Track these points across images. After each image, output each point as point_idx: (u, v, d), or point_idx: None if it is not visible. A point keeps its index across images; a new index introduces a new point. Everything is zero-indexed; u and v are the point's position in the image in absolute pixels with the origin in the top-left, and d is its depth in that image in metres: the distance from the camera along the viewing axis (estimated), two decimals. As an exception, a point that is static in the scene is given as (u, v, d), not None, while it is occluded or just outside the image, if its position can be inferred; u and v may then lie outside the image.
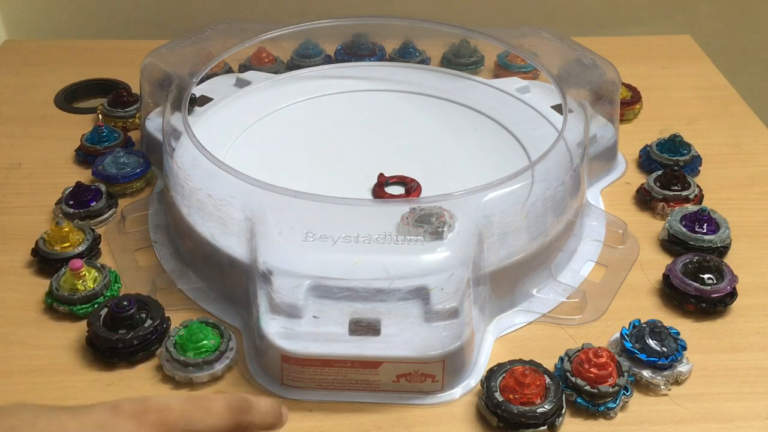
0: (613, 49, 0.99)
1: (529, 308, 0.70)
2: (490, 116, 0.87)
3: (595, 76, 0.86)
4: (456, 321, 0.61)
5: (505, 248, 0.67)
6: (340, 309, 0.62)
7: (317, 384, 0.62)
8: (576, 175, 0.74)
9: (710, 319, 0.70)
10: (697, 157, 0.88)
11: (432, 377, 0.61)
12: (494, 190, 0.68)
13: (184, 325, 0.65)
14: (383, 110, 0.89)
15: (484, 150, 0.82)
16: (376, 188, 0.76)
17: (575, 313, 0.69)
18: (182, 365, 0.63)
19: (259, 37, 0.92)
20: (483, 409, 0.60)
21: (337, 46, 1.04)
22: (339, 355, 0.60)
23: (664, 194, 0.81)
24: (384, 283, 0.62)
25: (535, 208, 0.69)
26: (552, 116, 0.85)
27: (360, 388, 0.62)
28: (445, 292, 0.62)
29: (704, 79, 1.08)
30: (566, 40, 0.92)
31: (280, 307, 0.61)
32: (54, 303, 0.69)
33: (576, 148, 0.76)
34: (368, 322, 0.61)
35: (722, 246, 0.76)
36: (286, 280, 0.62)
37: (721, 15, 1.24)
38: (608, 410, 0.60)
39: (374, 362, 0.60)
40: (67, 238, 0.74)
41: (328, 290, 0.62)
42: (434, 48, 1.04)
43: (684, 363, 0.64)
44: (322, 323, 0.61)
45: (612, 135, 0.86)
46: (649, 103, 1.00)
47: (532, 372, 0.60)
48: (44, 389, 0.63)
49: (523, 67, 1.00)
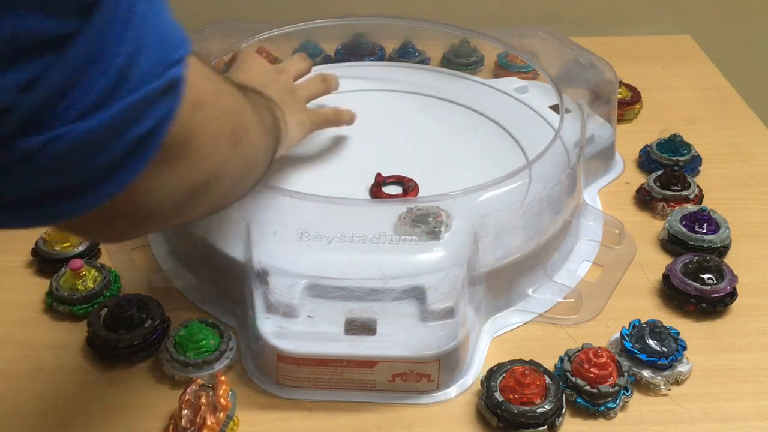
0: (613, 49, 0.99)
1: (525, 308, 0.70)
2: (488, 116, 0.87)
3: (593, 76, 0.86)
4: (451, 321, 0.61)
5: (501, 248, 0.68)
6: (335, 308, 0.62)
7: (313, 383, 0.62)
8: (572, 175, 0.74)
9: (710, 319, 0.70)
10: (697, 157, 0.88)
11: (427, 377, 0.61)
12: (490, 190, 0.68)
13: (184, 325, 0.65)
14: (382, 110, 0.89)
15: (482, 150, 0.82)
16: (373, 188, 0.76)
17: (571, 313, 0.69)
18: (182, 365, 0.63)
19: (258, 37, 0.92)
20: (483, 409, 0.60)
21: (337, 46, 1.04)
22: (334, 355, 0.60)
23: (664, 194, 0.81)
24: (379, 282, 0.62)
25: (531, 207, 0.69)
26: (550, 116, 0.85)
27: (356, 388, 0.62)
28: (440, 291, 0.62)
29: (704, 79, 1.08)
30: (564, 40, 0.92)
31: (275, 307, 0.62)
32: (54, 303, 0.69)
33: (573, 147, 0.76)
34: (364, 322, 0.61)
35: (722, 246, 0.75)
36: (281, 280, 0.62)
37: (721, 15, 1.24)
38: (608, 410, 0.60)
39: (370, 362, 0.60)
40: (67, 238, 0.74)
41: (324, 290, 0.62)
42: (434, 48, 1.04)
43: (684, 363, 0.64)
44: (317, 323, 0.61)
45: (609, 135, 0.86)
46: (649, 103, 1.00)
47: (532, 372, 0.60)
48: (44, 389, 0.63)
49: (523, 68, 1.00)
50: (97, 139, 0.36)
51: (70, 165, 0.36)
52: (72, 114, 0.34)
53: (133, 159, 0.38)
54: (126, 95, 0.36)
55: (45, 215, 0.38)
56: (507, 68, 1.01)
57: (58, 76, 0.34)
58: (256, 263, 0.63)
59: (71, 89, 0.34)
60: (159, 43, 0.37)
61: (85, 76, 0.34)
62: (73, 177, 0.37)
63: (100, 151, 0.36)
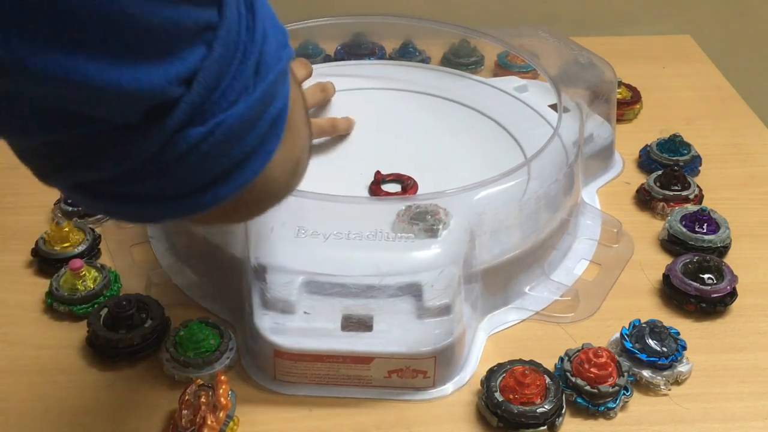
0: (613, 49, 0.99)
1: (522, 306, 0.70)
2: (487, 115, 0.87)
3: (592, 76, 0.86)
4: (447, 318, 0.62)
5: (498, 246, 0.68)
6: (332, 305, 0.62)
7: (309, 379, 0.62)
8: (570, 173, 0.74)
9: (710, 319, 0.70)
10: (697, 157, 0.88)
11: (423, 373, 0.61)
12: (487, 188, 0.68)
13: (184, 325, 0.65)
14: (381, 108, 0.89)
15: (482, 148, 0.82)
16: (372, 185, 0.76)
17: (568, 311, 0.69)
18: (182, 365, 0.63)
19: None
20: (483, 409, 0.60)
21: (337, 46, 1.04)
22: (331, 351, 0.61)
23: (664, 194, 0.81)
24: (376, 279, 0.62)
25: (528, 205, 0.69)
26: (549, 115, 0.85)
27: (352, 384, 0.62)
28: (437, 288, 0.62)
29: (704, 79, 1.08)
30: (564, 40, 0.92)
31: (272, 303, 0.62)
32: (54, 303, 0.69)
33: (571, 146, 0.76)
34: (360, 318, 0.62)
35: (722, 246, 0.75)
36: (278, 276, 0.62)
37: (721, 15, 1.24)
38: (608, 410, 0.60)
39: (366, 358, 0.61)
40: (67, 237, 0.74)
41: (321, 286, 0.62)
42: (434, 48, 1.04)
43: (684, 363, 0.64)
44: (314, 319, 0.61)
45: (609, 134, 0.86)
46: (649, 103, 1.00)
47: (532, 372, 0.60)
48: (44, 389, 0.63)
49: (523, 67, 1.00)
50: (247, 122, 0.38)
51: (228, 149, 0.38)
52: (227, 101, 0.37)
53: (271, 136, 0.40)
54: (264, 78, 0.38)
55: (200, 203, 0.40)
56: (507, 68, 1.01)
57: (212, 66, 0.35)
58: (254, 260, 0.63)
59: (223, 77, 0.36)
60: (275, 27, 0.40)
61: (231, 64, 0.36)
62: (227, 161, 0.39)
63: (249, 133, 0.39)
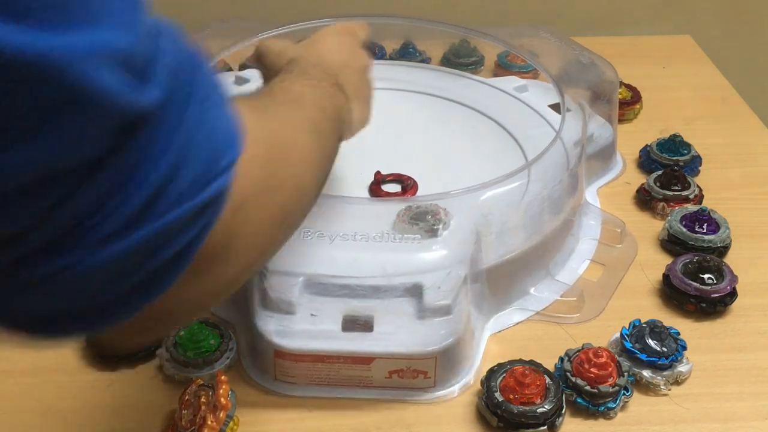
0: (613, 49, 0.99)
1: (526, 306, 0.70)
2: (488, 115, 0.87)
3: (594, 76, 0.86)
4: (449, 318, 0.62)
5: (503, 246, 0.68)
6: (333, 306, 0.62)
7: (310, 380, 0.62)
8: (573, 175, 0.74)
9: (710, 319, 0.70)
10: (697, 157, 0.88)
11: (424, 374, 0.61)
12: (491, 189, 0.68)
13: (184, 325, 0.65)
14: (381, 108, 0.89)
15: (482, 149, 0.82)
16: (372, 186, 0.76)
17: (572, 312, 0.69)
18: (182, 365, 0.63)
19: (258, 36, 0.92)
20: (483, 409, 0.60)
21: (337, 46, 1.04)
22: (332, 351, 0.61)
23: (664, 194, 0.81)
24: (379, 280, 0.62)
25: (532, 206, 0.69)
26: (550, 115, 0.85)
27: (353, 384, 0.62)
28: (439, 289, 0.62)
29: (704, 79, 1.08)
30: (565, 40, 0.92)
31: (274, 304, 0.62)
32: (54, 303, 0.69)
33: (573, 147, 0.76)
34: (361, 319, 0.62)
35: (722, 246, 0.75)
36: (280, 277, 0.62)
37: (721, 15, 1.24)
38: (608, 410, 0.60)
39: (367, 358, 0.61)
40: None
41: (322, 287, 0.62)
42: (434, 48, 1.04)
43: (684, 363, 0.64)
44: (315, 320, 0.61)
45: (610, 134, 0.86)
46: (649, 103, 1.00)
47: (532, 372, 0.60)
48: (44, 389, 0.63)
49: (523, 67, 1.00)
50: (121, 264, 0.33)
51: (94, 287, 0.33)
52: (96, 237, 0.31)
53: (163, 275, 0.34)
54: (159, 216, 0.32)
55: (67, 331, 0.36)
56: (507, 68, 1.01)
57: (86, 198, 0.30)
58: None
59: (100, 210, 0.31)
60: (206, 150, 0.33)
61: (115, 196, 0.31)
62: (96, 297, 0.34)
63: (125, 274, 0.33)
